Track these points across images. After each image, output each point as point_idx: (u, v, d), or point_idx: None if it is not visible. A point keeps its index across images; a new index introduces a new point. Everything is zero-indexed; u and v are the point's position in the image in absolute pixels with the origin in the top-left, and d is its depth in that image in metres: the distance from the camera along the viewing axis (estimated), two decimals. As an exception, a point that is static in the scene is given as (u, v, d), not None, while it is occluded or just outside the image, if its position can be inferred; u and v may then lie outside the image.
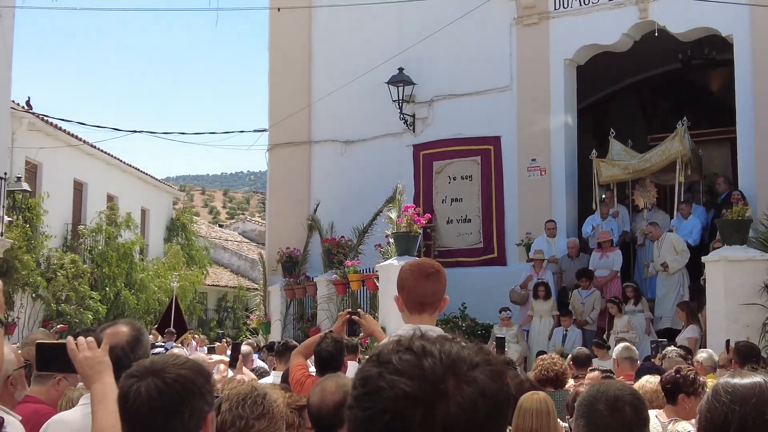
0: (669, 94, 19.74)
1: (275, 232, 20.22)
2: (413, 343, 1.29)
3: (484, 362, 1.29)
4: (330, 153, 19.17)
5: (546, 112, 16.72)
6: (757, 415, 2.26)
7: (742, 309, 11.66)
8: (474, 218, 17.42)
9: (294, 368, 6.22)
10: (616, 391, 2.70)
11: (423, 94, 17.88)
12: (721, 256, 12.21)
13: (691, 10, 15.03)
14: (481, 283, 15.42)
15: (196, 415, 2.23)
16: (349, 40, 18.55)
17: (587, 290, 14.30)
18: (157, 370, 2.26)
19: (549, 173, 16.65)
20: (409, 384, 1.23)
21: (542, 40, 16.89)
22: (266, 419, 2.97)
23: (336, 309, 15.96)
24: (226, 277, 37.74)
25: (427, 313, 4.01)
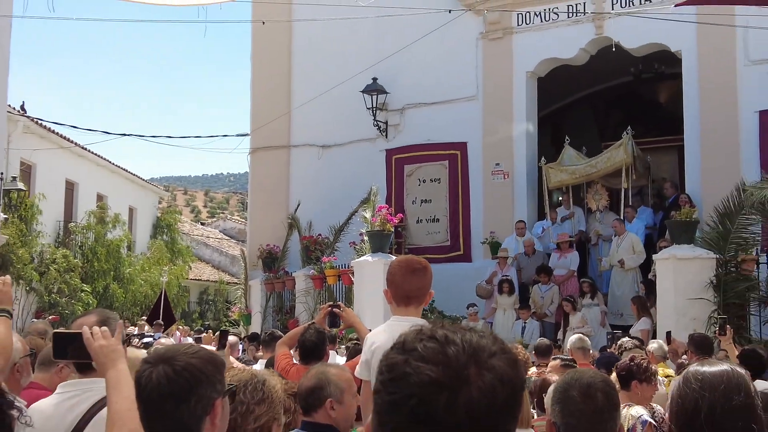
0: (621, 104, 19.91)
1: (256, 230, 20.14)
2: (436, 332, 1.29)
3: (500, 351, 1.30)
4: (308, 156, 19.12)
5: (509, 121, 16.79)
6: (725, 401, 2.28)
7: (690, 303, 11.72)
8: (442, 218, 17.46)
9: (279, 357, 6.21)
10: (588, 379, 2.71)
11: (395, 103, 17.88)
12: (671, 255, 12.25)
13: (643, 27, 15.16)
14: (448, 278, 15.34)
15: (203, 402, 2.23)
16: (327, 51, 18.51)
17: (546, 285, 14.36)
18: (169, 357, 2.26)
19: (511, 177, 16.73)
20: (434, 370, 1.23)
21: (506, 54, 16.96)
22: (266, 404, 2.96)
23: (313, 302, 15.93)
24: (208, 272, 37.52)
25: (413, 306, 4.03)
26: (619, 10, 15.81)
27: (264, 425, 2.96)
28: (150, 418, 2.27)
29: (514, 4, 16.73)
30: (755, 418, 2.29)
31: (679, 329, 11.10)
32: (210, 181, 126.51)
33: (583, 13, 16.13)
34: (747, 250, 12.18)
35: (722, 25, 13.94)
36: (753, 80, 14.79)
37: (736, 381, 2.33)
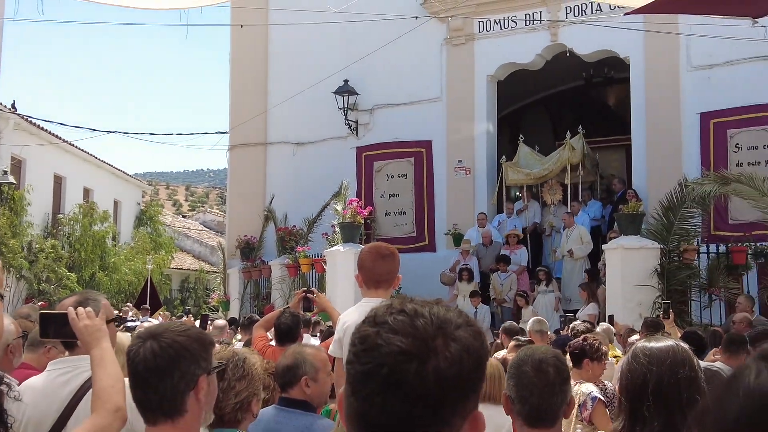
0: (574, 106, 20.05)
1: (234, 222, 20.02)
2: (406, 306, 1.29)
3: (465, 324, 1.30)
4: (283, 153, 19.04)
5: (471, 121, 16.84)
6: (671, 375, 2.31)
7: (636, 290, 11.82)
8: (408, 211, 17.48)
9: (256, 339, 6.20)
10: (540, 355, 2.73)
11: (365, 103, 17.85)
12: (619, 245, 12.35)
13: (595, 34, 15.26)
14: (414, 267, 15.32)
15: (186, 378, 2.22)
16: (301, 54, 18.42)
17: (505, 273, 14.44)
18: (157, 334, 2.26)
19: (473, 173, 16.80)
20: (404, 341, 1.23)
21: (468, 58, 17.00)
22: (246, 380, 2.95)
23: (288, 289, 15.86)
24: (189, 261, 37.25)
25: (382, 289, 4.05)
26: (573, 18, 15.91)
27: (244, 400, 2.95)
28: (137, 390, 2.27)
29: (476, 12, 16.76)
30: (699, 390, 2.33)
31: (626, 314, 11.24)
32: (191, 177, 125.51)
33: (539, 21, 16.22)
34: (688, 241, 12.33)
35: (667, 33, 14.10)
36: (695, 84, 14.97)
37: (681, 356, 2.36)
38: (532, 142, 16.96)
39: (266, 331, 6.25)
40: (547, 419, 2.62)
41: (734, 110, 14.55)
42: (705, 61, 14.83)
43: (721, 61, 14.67)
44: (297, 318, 6.13)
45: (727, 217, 14.32)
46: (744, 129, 14.54)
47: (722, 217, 14.35)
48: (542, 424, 2.61)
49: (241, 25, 17.09)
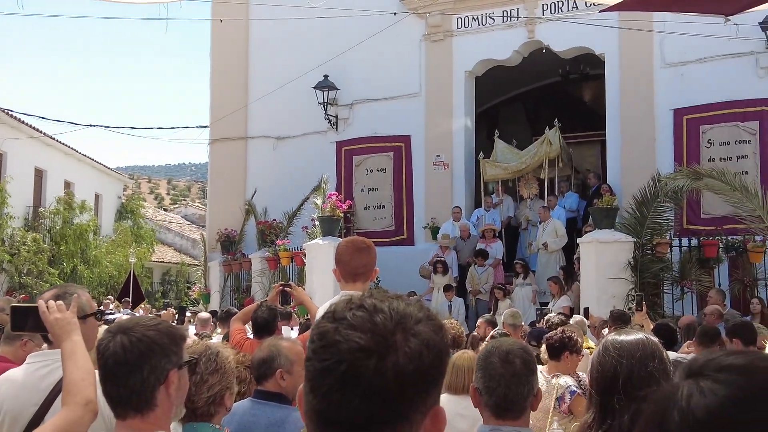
0: (550, 102, 20.11)
1: (215, 216, 19.92)
2: (365, 301, 1.26)
3: (426, 318, 1.27)
4: (264, 147, 18.96)
5: (449, 116, 16.84)
6: (641, 367, 2.30)
7: (610, 282, 11.87)
8: (387, 205, 17.47)
9: (234, 332, 6.15)
10: (508, 347, 2.73)
11: (345, 98, 17.80)
12: (593, 239, 12.39)
13: (571, 31, 15.29)
14: (393, 260, 15.35)
15: (156, 372, 2.19)
16: (282, 49, 18.33)
17: (482, 267, 14.46)
18: (127, 328, 2.23)
19: (451, 167, 16.81)
20: (363, 337, 1.20)
21: (446, 55, 16.98)
22: (219, 374, 2.92)
23: (268, 282, 15.80)
24: (170, 255, 37.04)
25: (359, 282, 4.03)
26: (549, 15, 15.94)
27: (217, 394, 2.92)
28: (107, 384, 2.23)
29: (454, 8, 16.76)
30: (668, 383, 2.31)
31: (600, 305, 11.28)
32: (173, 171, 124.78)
33: (516, 18, 16.24)
34: (661, 235, 12.40)
35: (642, 30, 14.16)
36: (668, 81, 15.06)
37: (651, 349, 2.35)
38: (509, 137, 17.01)
39: (244, 324, 6.21)
40: (514, 410, 2.61)
41: (707, 106, 14.65)
42: (678, 58, 14.92)
43: (694, 58, 14.75)
44: (274, 311, 6.10)
45: (699, 211, 14.44)
46: (716, 125, 14.66)
47: (694, 212, 14.46)
48: (509, 415, 2.60)
49: (220, 19, 16.97)
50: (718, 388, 1.01)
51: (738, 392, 1.00)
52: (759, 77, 14.39)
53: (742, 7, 6.73)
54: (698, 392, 1.02)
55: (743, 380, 1.01)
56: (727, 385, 1.01)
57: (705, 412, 1.00)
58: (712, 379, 1.03)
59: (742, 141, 14.44)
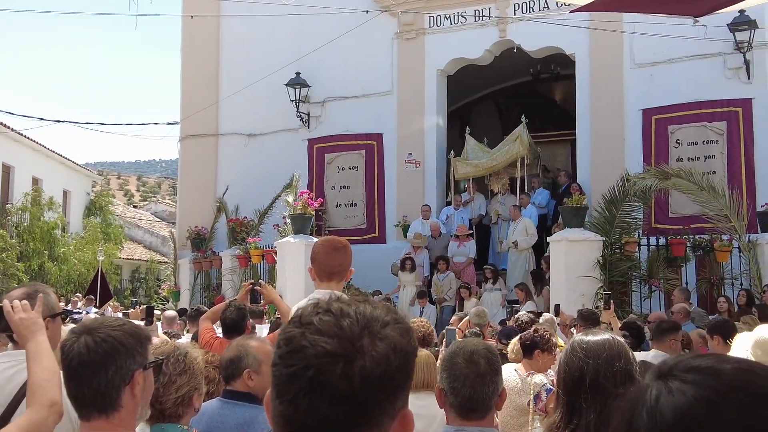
0: (522, 101, 20.22)
1: (185, 213, 19.78)
2: (332, 306, 1.26)
3: (393, 321, 1.27)
4: (235, 144, 18.86)
5: (421, 114, 16.86)
6: (607, 368, 2.33)
7: (579, 280, 11.94)
8: (359, 203, 17.46)
9: (203, 331, 6.09)
10: (472, 347, 2.74)
11: (317, 96, 17.75)
12: (563, 237, 12.45)
13: (542, 31, 15.37)
14: (364, 258, 15.16)
15: (121, 372, 2.17)
16: (253, 46, 18.24)
17: (444, 273, 14.37)
18: (92, 329, 2.20)
19: (423, 166, 16.84)
20: (330, 342, 1.20)
21: (418, 53, 17.00)
22: (187, 375, 2.90)
23: (239, 280, 15.71)
24: (140, 252, 36.69)
25: (334, 281, 4.04)
26: (521, 15, 16.02)
27: (185, 395, 2.90)
28: (71, 385, 2.21)
29: (427, 7, 16.78)
30: (634, 383, 2.34)
31: (570, 303, 11.35)
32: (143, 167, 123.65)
33: (488, 18, 16.30)
34: (630, 234, 12.50)
35: (611, 31, 14.29)
36: (638, 81, 15.20)
37: (617, 349, 2.38)
38: (481, 136, 17.07)
39: (213, 323, 6.16)
40: (479, 410, 2.62)
41: (675, 107, 14.83)
42: (648, 58, 15.07)
43: (664, 58, 14.91)
44: (243, 311, 6.06)
45: (668, 210, 14.60)
46: (684, 125, 14.83)
47: (662, 211, 14.63)
48: (474, 415, 2.62)
49: (191, 16, 16.84)
50: (686, 388, 1.02)
51: (705, 392, 1.01)
52: (727, 78, 14.58)
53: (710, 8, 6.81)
54: (667, 392, 1.03)
55: (711, 381, 1.02)
56: (695, 385, 1.02)
57: (672, 411, 1.01)
58: (681, 379, 1.04)
59: (710, 141, 14.63)
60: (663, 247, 12.70)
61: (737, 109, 14.43)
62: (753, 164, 14.26)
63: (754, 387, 1.01)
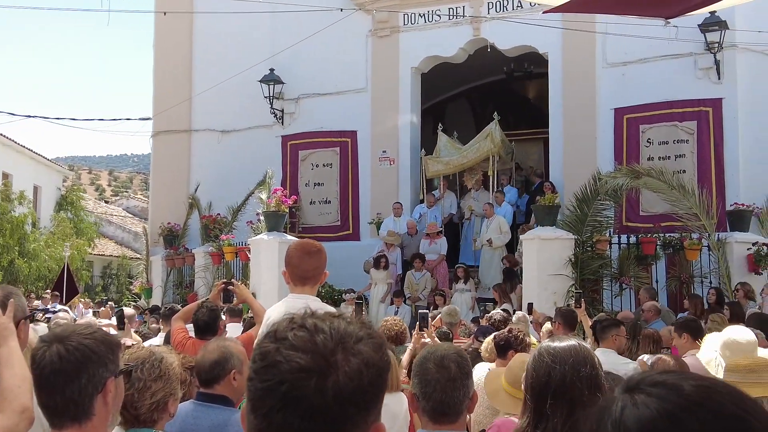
0: (495, 99, 20.31)
1: (158, 209, 19.65)
2: (306, 321, 1.29)
3: (367, 336, 1.30)
4: (208, 141, 18.76)
5: (395, 112, 16.90)
6: (574, 373, 2.38)
7: (551, 278, 12.03)
8: (333, 200, 17.46)
9: (175, 332, 6.08)
10: (443, 352, 2.78)
11: (291, 92, 17.71)
12: (535, 235, 12.51)
13: (515, 30, 15.45)
14: (338, 255, 15.16)
15: (94, 381, 2.18)
16: (227, 42, 18.15)
17: (420, 272, 14.35)
18: (63, 337, 2.20)
19: (397, 163, 16.87)
20: (304, 358, 1.23)
21: (393, 50, 17.02)
22: (162, 380, 2.91)
23: (212, 277, 15.67)
24: (111, 248, 36.39)
25: (308, 285, 4.06)
26: (494, 14, 16.10)
27: (160, 400, 2.91)
28: (43, 394, 2.21)
29: (401, 5, 16.80)
30: (600, 387, 2.40)
31: (542, 301, 11.46)
32: (114, 161, 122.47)
33: (462, 16, 16.36)
34: (601, 232, 12.60)
35: (584, 31, 14.41)
36: (610, 81, 15.34)
37: (583, 355, 2.43)
38: (454, 133, 17.14)
39: (185, 323, 6.15)
40: (451, 414, 2.67)
41: (646, 106, 14.98)
42: (620, 58, 15.21)
43: (635, 58, 15.06)
44: (215, 312, 6.05)
45: (638, 209, 14.77)
46: (655, 124, 14.99)
47: (633, 209, 14.79)
48: (446, 420, 2.66)
49: (164, 12, 16.72)
50: (650, 401, 1.07)
51: (669, 406, 1.06)
52: (697, 78, 14.76)
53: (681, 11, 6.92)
54: (632, 405, 1.08)
55: (675, 396, 1.07)
56: (659, 399, 1.07)
57: (636, 423, 1.06)
58: (646, 393, 1.09)
59: (681, 140, 14.81)
60: (634, 245, 12.83)
61: (707, 108, 14.62)
62: (722, 163, 14.46)
63: (715, 404, 1.06)
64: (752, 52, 14.35)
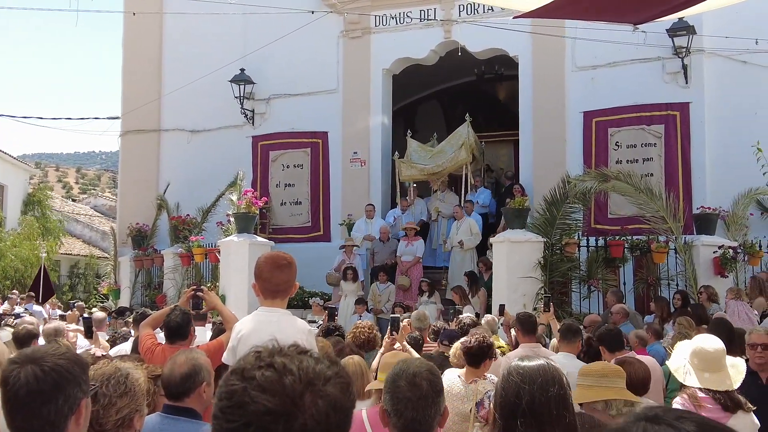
0: (466, 101, 20.37)
1: (126, 209, 19.45)
2: (275, 360, 1.28)
3: (335, 375, 1.30)
4: (178, 140, 18.62)
5: (366, 113, 16.89)
6: (542, 393, 2.39)
7: (520, 281, 12.09)
8: (304, 201, 17.41)
9: (143, 338, 6.01)
10: (415, 369, 2.77)
11: (262, 93, 17.63)
12: (505, 238, 12.55)
13: (486, 33, 15.51)
14: (309, 256, 15.28)
15: (69, 401, 2.15)
16: (197, 42, 18.01)
17: (384, 284, 14.22)
18: (37, 358, 2.16)
19: (368, 164, 16.86)
20: (271, 400, 1.22)
21: (364, 52, 17.02)
22: (128, 397, 2.87)
23: (181, 278, 15.55)
24: (78, 247, 35.89)
25: (279, 298, 4.04)
26: (465, 17, 16.15)
27: (126, 417, 2.87)
28: (17, 417, 2.15)
29: (372, 6, 16.80)
30: (568, 407, 2.41)
31: (511, 303, 11.47)
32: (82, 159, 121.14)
33: (433, 19, 16.40)
34: (570, 235, 12.68)
35: (554, 35, 14.51)
36: (579, 84, 15.47)
37: (552, 374, 2.45)
38: (426, 134, 17.18)
39: (153, 329, 6.08)
40: (422, 431, 2.67)
41: (615, 110, 15.13)
42: (589, 62, 15.34)
43: (604, 62, 15.20)
44: (187, 316, 5.99)
45: (607, 211, 14.91)
46: (624, 128, 15.14)
47: (602, 211, 14.92)
48: None
49: (133, 12, 16.55)
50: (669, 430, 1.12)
51: None
52: (665, 82, 14.93)
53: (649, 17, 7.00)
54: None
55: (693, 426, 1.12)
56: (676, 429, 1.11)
57: None
58: (666, 423, 1.13)
59: (648, 144, 14.97)
60: (602, 248, 12.93)
61: (675, 112, 14.79)
62: (689, 167, 14.63)
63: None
64: (719, 56, 14.55)
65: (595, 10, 8.00)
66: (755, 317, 9.97)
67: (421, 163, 15.91)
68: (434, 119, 20.48)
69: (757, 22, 13.86)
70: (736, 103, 14.50)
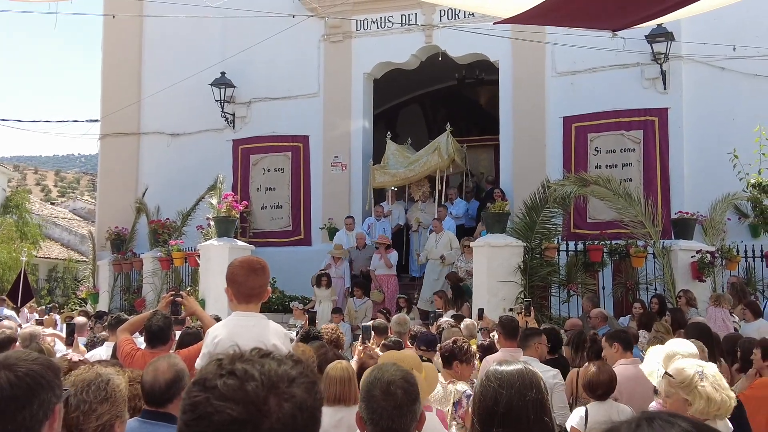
0: (447, 105, 20.44)
1: (105, 213, 19.30)
2: (236, 367, 1.26)
3: (299, 375, 1.29)
4: (157, 144, 18.52)
5: (347, 117, 16.90)
6: (520, 397, 2.41)
7: (500, 285, 12.13)
8: (285, 205, 17.37)
9: (122, 343, 5.97)
10: (389, 377, 2.76)
11: (242, 96, 17.58)
12: (485, 242, 12.58)
13: (466, 38, 15.58)
14: (290, 260, 15.35)
15: (44, 407, 2.13)
16: (178, 45, 17.95)
17: (361, 300, 14.00)
18: (10, 364, 2.13)
19: (349, 168, 16.86)
20: (236, 408, 1.20)
21: (345, 56, 17.03)
22: (109, 403, 2.84)
23: (160, 282, 15.45)
24: (57, 250, 35.66)
25: (253, 303, 4.03)
26: (446, 22, 16.21)
27: (106, 423, 2.85)
28: None
29: (353, 11, 16.82)
30: (545, 411, 2.44)
31: (491, 308, 11.54)
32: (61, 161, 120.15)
33: (414, 23, 16.44)
34: (549, 239, 12.73)
35: (534, 41, 14.60)
36: (559, 90, 15.57)
37: (529, 379, 2.47)
38: (407, 138, 17.19)
39: (131, 334, 6.04)
40: None
41: (594, 115, 15.24)
42: (569, 67, 15.45)
43: (584, 68, 15.32)
44: (169, 320, 5.96)
45: (586, 215, 15.00)
46: (603, 133, 15.25)
47: (581, 216, 15.02)
48: None
49: (113, 15, 16.46)
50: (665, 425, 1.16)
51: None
52: (644, 88, 15.06)
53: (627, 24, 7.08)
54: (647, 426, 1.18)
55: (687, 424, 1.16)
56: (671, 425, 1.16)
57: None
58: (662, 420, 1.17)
59: (627, 149, 15.09)
60: (581, 252, 12.99)
61: (653, 118, 14.93)
62: (668, 172, 14.77)
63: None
64: (697, 63, 14.70)
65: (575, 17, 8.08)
66: (732, 324, 10.05)
67: (395, 168, 15.89)
68: (415, 123, 20.54)
69: (735, 29, 14.03)
70: (714, 108, 14.65)
